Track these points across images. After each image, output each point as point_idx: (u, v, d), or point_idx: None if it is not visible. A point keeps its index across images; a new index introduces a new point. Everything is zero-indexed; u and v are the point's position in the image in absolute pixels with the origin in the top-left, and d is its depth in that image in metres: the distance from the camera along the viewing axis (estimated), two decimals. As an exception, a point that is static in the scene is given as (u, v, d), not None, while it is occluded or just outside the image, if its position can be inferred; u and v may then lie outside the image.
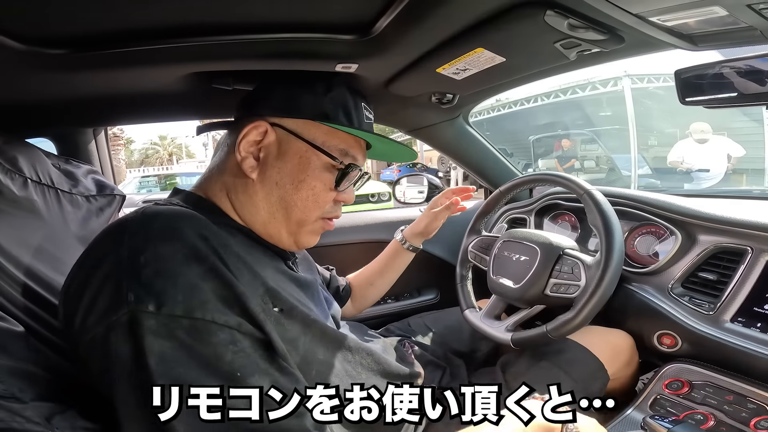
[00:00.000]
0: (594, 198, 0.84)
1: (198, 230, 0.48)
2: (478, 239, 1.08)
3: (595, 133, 6.61)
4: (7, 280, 0.55)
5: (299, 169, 0.60)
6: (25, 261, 0.59)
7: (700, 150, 4.22)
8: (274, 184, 0.60)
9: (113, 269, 0.43)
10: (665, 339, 0.86)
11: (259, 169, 0.59)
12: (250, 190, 0.60)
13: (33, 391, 0.44)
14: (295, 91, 0.62)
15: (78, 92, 0.78)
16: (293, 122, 0.61)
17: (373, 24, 0.64)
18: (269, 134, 0.59)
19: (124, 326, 0.41)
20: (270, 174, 0.60)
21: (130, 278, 0.42)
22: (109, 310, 0.42)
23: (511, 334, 0.87)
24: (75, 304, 0.45)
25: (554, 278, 0.86)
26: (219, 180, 0.61)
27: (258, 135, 0.59)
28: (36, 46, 0.58)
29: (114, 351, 0.41)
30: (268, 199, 0.60)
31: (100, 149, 1.05)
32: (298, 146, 0.60)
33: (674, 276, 0.88)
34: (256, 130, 0.58)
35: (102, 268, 0.44)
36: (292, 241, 0.63)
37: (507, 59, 0.71)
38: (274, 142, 0.60)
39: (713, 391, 0.74)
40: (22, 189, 0.64)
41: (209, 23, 0.60)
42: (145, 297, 0.42)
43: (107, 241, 0.48)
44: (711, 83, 0.71)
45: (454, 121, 1.22)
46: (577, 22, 0.58)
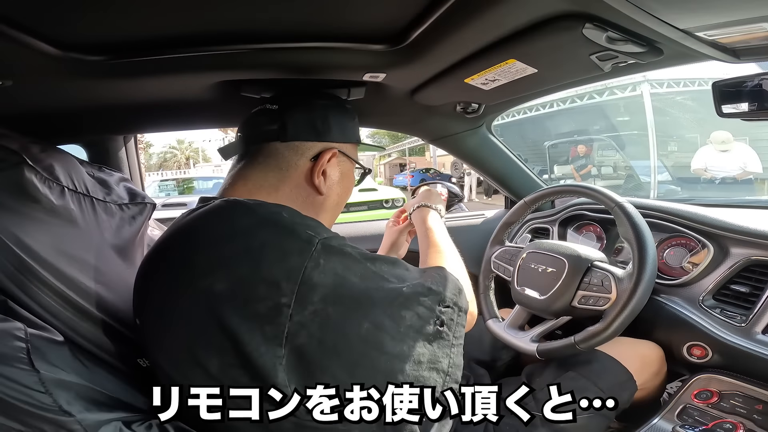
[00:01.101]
0: (626, 211, 0.82)
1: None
2: (501, 250, 1.07)
3: (612, 138, 6.49)
4: (45, 290, 0.55)
5: (348, 180, 0.73)
6: (63, 270, 0.59)
7: (723, 158, 4.12)
8: (336, 195, 0.70)
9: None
10: (695, 350, 0.85)
11: (327, 184, 0.68)
12: (317, 202, 0.68)
13: (80, 404, 0.44)
14: (346, 119, 0.72)
15: (112, 99, 0.79)
16: (346, 147, 0.71)
17: (405, 34, 0.64)
18: (338, 158, 0.69)
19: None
20: (335, 190, 0.70)
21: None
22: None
23: (537, 344, 0.87)
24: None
25: (582, 290, 0.85)
26: (293, 193, 0.66)
27: (330, 158, 0.67)
28: (74, 52, 0.59)
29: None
30: (328, 206, 0.70)
31: (129, 156, 1.07)
32: (349, 165, 0.73)
33: (705, 288, 0.87)
34: (329, 154, 0.67)
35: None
36: (331, 226, 0.73)
37: (539, 71, 0.70)
38: (338, 163, 0.69)
39: (743, 401, 0.74)
40: (60, 198, 0.64)
41: (240, 32, 0.61)
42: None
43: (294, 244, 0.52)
44: (750, 96, 0.69)
45: (478, 130, 1.21)
46: (616, 35, 0.56)
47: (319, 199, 0.68)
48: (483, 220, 1.47)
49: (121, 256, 0.72)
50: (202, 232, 0.55)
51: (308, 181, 0.66)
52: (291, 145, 0.66)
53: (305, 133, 0.67)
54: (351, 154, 0.72)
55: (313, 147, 0.67)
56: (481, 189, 10.64)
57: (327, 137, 0.68)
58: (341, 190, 0.71)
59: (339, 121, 0.70)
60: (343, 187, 0.71)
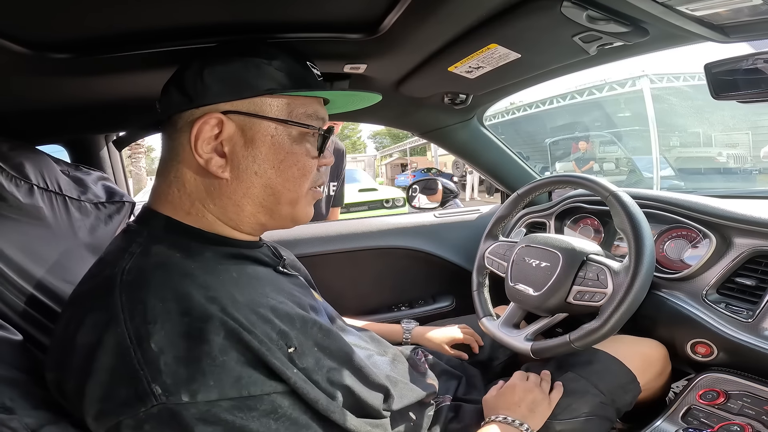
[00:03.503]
0: (621, 200, 0.79)
1: (203, 291, 0.45)
2: (495, 245, 1.04)
3: (614, 134, 6.47)
4: (8, 288, 0.54)
5: (275, 149, 0.53)
6: (29, 269, 0.58)
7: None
8: (254, 174, 0.53)
9: (122, 358, 0.40)
10: (699, 348, 0.81)
11: (230, 165, 0.53)
12: (227, 190, 0.53)
13: (24, 402, 0.42)
14: (234, 70, 0.53)
15: (85, 97, 0.78)
16: (247, 104, 0.52)
17: (381, 22, 0.62)
18: (226, 125, 0.52)
19: (159, 417, 0.39)
20: (245, 166, 0.53)
21: (148, 370, 0.40)
22: (132, 402, 0.39)
23: (531, 343, 0.83)
24: (81, 377, 0.42)
25: (578, 285, 0.81)
26: (183, 192, 0.53)
27: (213, 129, 0.51)
28: (41, 50, 0.57)
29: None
30: (251, 191, 0.54)
31: (112, 156, 1.05)
32: (266, 126, 0.53)
33: (708, 282, 0.83)
34: (208, 124, 0.51)
35: (106, 352, 0.41)
36: (288, 221, 0.58)
37: (523, 55, 0.68)
38: (236, 130, 0.52)
39: (751, 402, 0.70)
40: (28, 196, 0.63)
41: (214, 24, 0.59)
42: (175, 389, 0.40)
43: (101, 315, 0.43)
44: (744, 77, 0.67)
45: (469, 123, 1.19)
46: (596, 14, 0.54)
47: (229, 187, 0.53)
48: (478, 216, 1.45)
49: (95, 255, 0.70)
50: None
51: (201, 167, 0.52)
52: (171, 124, 0.54)
53: (177, 102, 0.53)
54: (263, 111, 0.53)
55: (189, 116, 0.52)
56: (483, 188, 10.63)
57: (204, 98, 0.52)
58: (267, 164, 0.53)
59: (224, 73, 0.52)
60: (264, 156, 0.53)
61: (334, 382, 0.53)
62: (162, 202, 0.54)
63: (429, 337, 0.99)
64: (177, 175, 0.53)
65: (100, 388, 0.40)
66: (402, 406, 0.65)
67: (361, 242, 1.29)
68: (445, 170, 14.18)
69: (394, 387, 0.65)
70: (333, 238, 1.27)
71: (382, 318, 1.30)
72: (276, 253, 0.66)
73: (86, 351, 0.42)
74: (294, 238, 1.22)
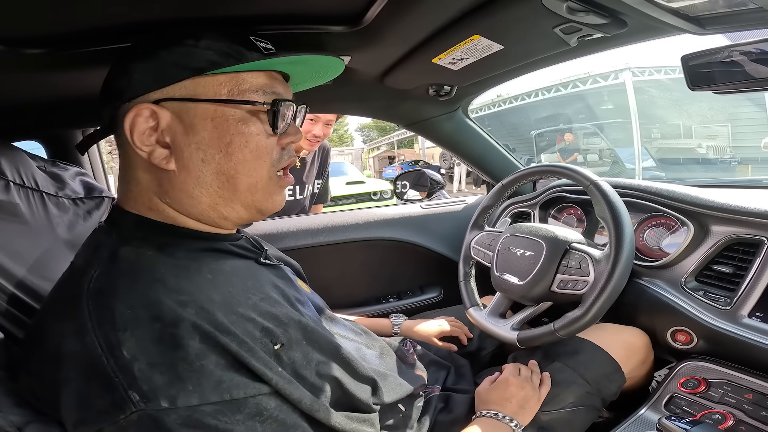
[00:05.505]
0: (601, 189, 0.80)
1: (174, 295, 0.43)
2: (480, 235, 1.05)
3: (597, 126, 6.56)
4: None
5: (219, 132, 0.50)
6: (7, 266, 0.57)
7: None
8: (200, 162, 0.50)
9: (94, 366, 0.39)
10: (679, 336, 0.82)
11: (174, 155, 0.50)
12: (177, 182, 0.50)
13: (8, 399, 0.42)
14: (159, 57, 0.50)
15: (59, 93, 0.76)
16: (179, 89, 0.49)
17: (364, 13, 0.62)
18: (161, 114, 0.49)
19: (140, 423, 0.39)
20: (189, 154, 0.50)
21: (123, 377, 0.39)
22: (111, 409, 0.39)
23: (517, 332, 0.84)
24: (55, 386, 0.41)
25: (561, 274, 0.82)
26: (140, 189, 0.52)
27: (148, 120, 0.49)
28: (14, 46, 0.56)
29: None
30: (202, 180, 0.51)
31: (90, 151, 1.03)
32: (204, 109, 0.49)
33: (687, 269, 0.85)
34: (141, 116, 0.48)
35: (77, 360, 0.40)
36: (253, 211, 0.55)
37: (505, 47, 0.68)
38: (173, 119, 0.49)
39: (732, 390, 0.71)
40: (4, 192, 0.61)
41: (192, 18, 0.57)
42: (153, 395, 0.39)
43: (69, 324, 0.42)
44: (720, 69, 0.68)
45: (454, 114, 1.19)
46: (576, 5, 0.55)
47: (179, 178, 0.50)
48: (464, 207, 1.45)
49: (74, 251, 0.69)
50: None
51: (148, 161, 0.50)
52: (114, 122, 0.52)
53: (109, 99, 0.51)
54: (198, 94, 0.50)
55: (124, 111, 0.49)
56: (470, 179, 10.68)
57: (132, 91, 0.49)
58: (213, 149, 0.50)
59: (149, 62, 0.49)
60: (207, 141, 0.50)
61: (323, 375, 0.53)
62: (126, 200, 0.53)
63: (418, 330, 1.00)
64: (130, 172, 0.52)
65: (76, 396, 0.40)
66: (391, 401, 0.65)
67: (348, 234, 1.28)
68: (433, 162, 14.22)
69: (383, 381, 0.65)
70: (320, 230, 1.26)
71: (370, 310, 1.30)
72: (256, 245, 0.64)
73: (57, 360, 0.41)
74: (280, 231, 1.21)
